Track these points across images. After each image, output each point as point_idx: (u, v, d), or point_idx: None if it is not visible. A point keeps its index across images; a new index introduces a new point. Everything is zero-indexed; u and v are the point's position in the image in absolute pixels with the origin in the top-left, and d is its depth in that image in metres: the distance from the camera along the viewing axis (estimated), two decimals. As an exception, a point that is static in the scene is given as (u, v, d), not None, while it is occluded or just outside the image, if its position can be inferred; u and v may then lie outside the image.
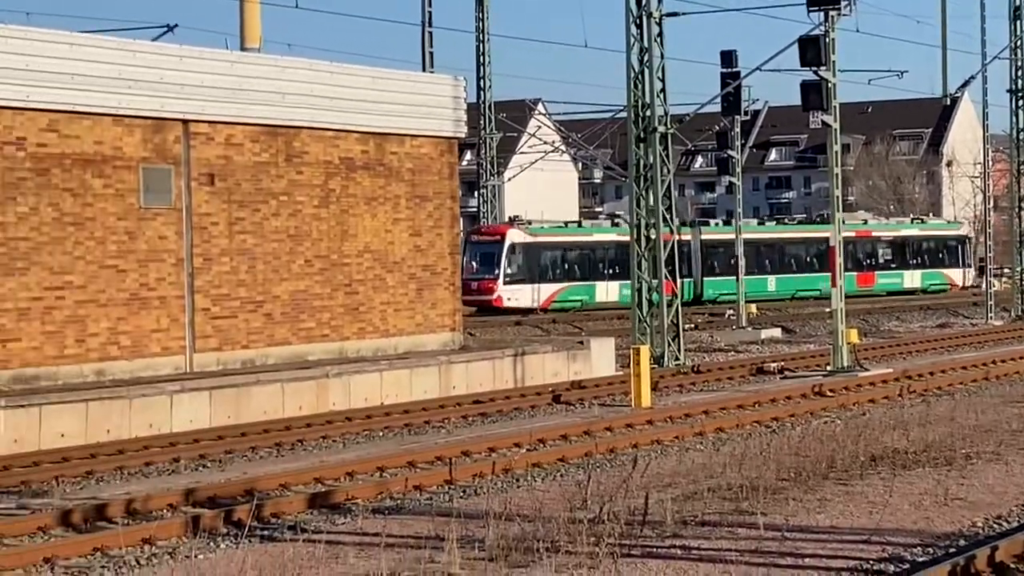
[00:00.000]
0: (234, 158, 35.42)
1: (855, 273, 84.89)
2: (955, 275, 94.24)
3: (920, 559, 16.40)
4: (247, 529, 18.68)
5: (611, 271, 75.48)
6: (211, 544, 18.41)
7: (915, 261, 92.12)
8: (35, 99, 31.32)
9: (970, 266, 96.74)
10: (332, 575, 15.80)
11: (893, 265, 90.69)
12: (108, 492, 22.84)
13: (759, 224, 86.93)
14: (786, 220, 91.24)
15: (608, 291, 75.50)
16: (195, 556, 17.60)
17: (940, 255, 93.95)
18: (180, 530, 19.05)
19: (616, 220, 79.62)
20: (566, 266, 74.68)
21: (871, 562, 16.23)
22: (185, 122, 34.35)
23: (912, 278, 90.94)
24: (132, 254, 33.20)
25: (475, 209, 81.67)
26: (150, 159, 33.66)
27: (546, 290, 72.43)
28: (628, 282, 74.26)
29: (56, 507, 20.96)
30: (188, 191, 34.41)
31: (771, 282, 79.87)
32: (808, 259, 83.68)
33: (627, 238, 75.40)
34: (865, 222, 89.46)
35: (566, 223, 77.12)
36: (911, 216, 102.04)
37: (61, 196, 31.90)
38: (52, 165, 31.74)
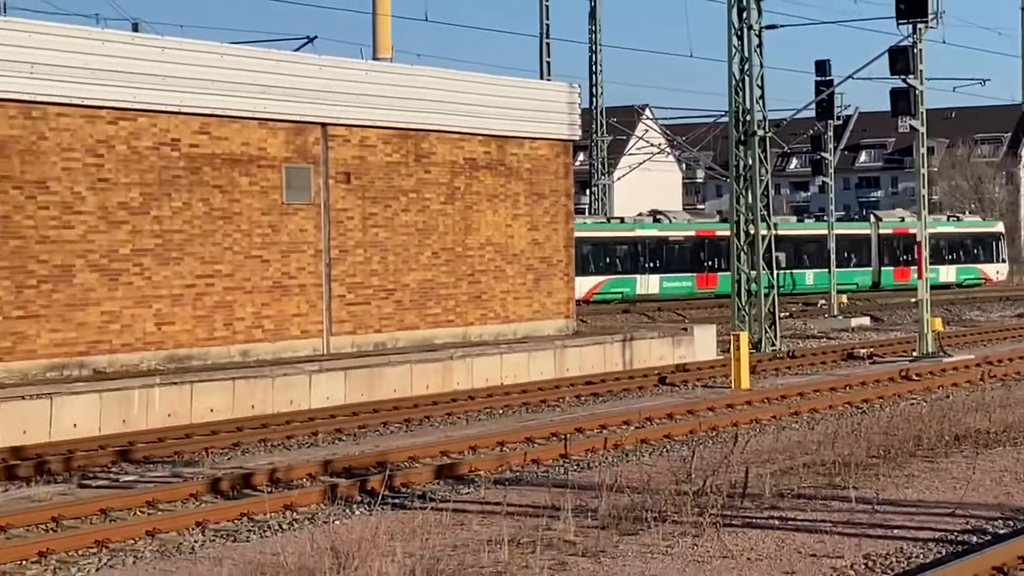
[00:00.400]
0: (368, 158, 35.56)
1: (892, 268, 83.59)
2: (989, 270, 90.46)
3: (1001, 531, 16.20)
4: (380, 497, 18.73)
5: (651, 265, 74.73)
6: (347, 511, 18.48)
7: (950, 257, 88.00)
8: (189, 104, 31.57)
9: (1004, 261, 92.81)
10: (457, 540, 15.81)
11: (929, 260, 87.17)
12: (253, 462, 22.98)
13: (798, 221, 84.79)
14: (824, 218, 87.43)
15: (648, 284, 74.71)
16: (332, 521, 17.68)
17: (975, 251, 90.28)
18: (319, 497, 19.14)
19: (658, 217, 78.46)
20: (608, 260, 73.42)
21: (955, 533, 16.06)
22: (324, 125, 34.51)
23: (947, 273, 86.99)
24: (275, 246, 33.40)
25: (587, 206, 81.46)
26: (292, 159, 33.85)
27: (588, 282, 71.16)
28: (667, 275, 74.09)
29: (206, 476, 21.14)
30: (326, 188, 34.57)
31: (809, 276, 77.84)
32: (844, 254, 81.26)
33: (666, 233, 75.04)
34: (902, 219, 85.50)
35: (609, 219, 75.71)
36: (947, 214, 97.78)
37: (211, 192, 32.14)
38: (203, 164, 31.99)
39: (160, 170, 31.16)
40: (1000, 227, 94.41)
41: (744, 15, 42.64)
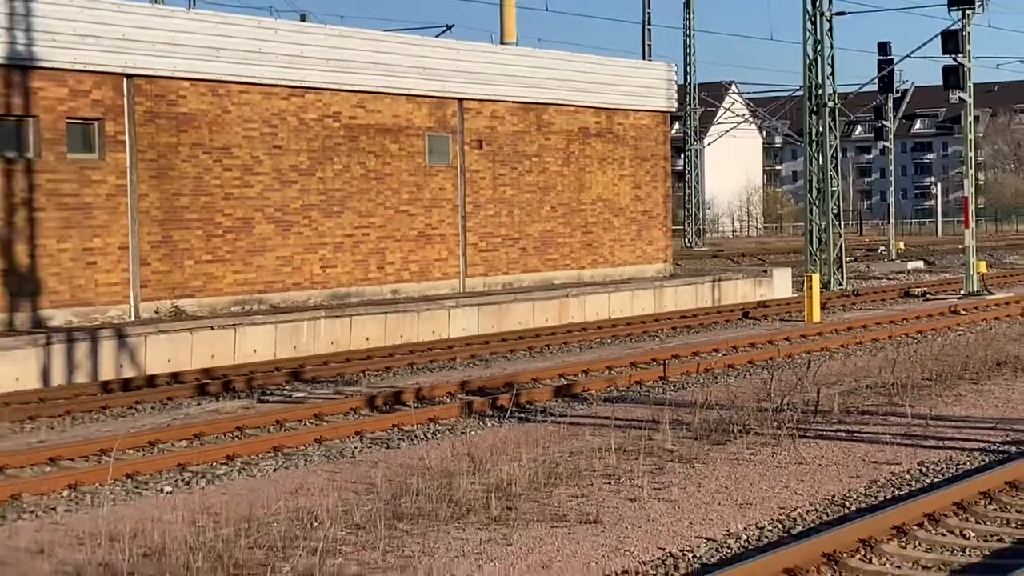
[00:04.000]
0: (497, 128, 35.54)
1: None
2: None
3: (1037, 443, 15.99)
4: (508, 412, 18.77)
5: None
6: (480, 423, 18.54)
7: None
8: (348, 83, 31.71)
9: None
10: (573, 448, 15.83)
11: None
12: (402, 382, 23.12)
13: None
14: None
15: None
16: (468, 432, 17.75)
17: None
18: (457, 412, 19.22)
19: None
20: None
21: (997, 444, 15.84)
22: (460, 100, 34.53)
23: None
24: (419, 201, 33.51)
25: (681, 167, 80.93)
26: (433, 128, 33.90)
27: None
28: None
29: (363, 393, 21.27)
30: (462, 153, 34.61)
31: None
32: None
33: None
34: None
35: None
36: None
37: (367, 157, 32.29)
38: (360, 133, 32.12)
39: (324, 138, 31.34)
40: None
41: (817, 3, 42.07)
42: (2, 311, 25.64)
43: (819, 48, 42.26)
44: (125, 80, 27.69)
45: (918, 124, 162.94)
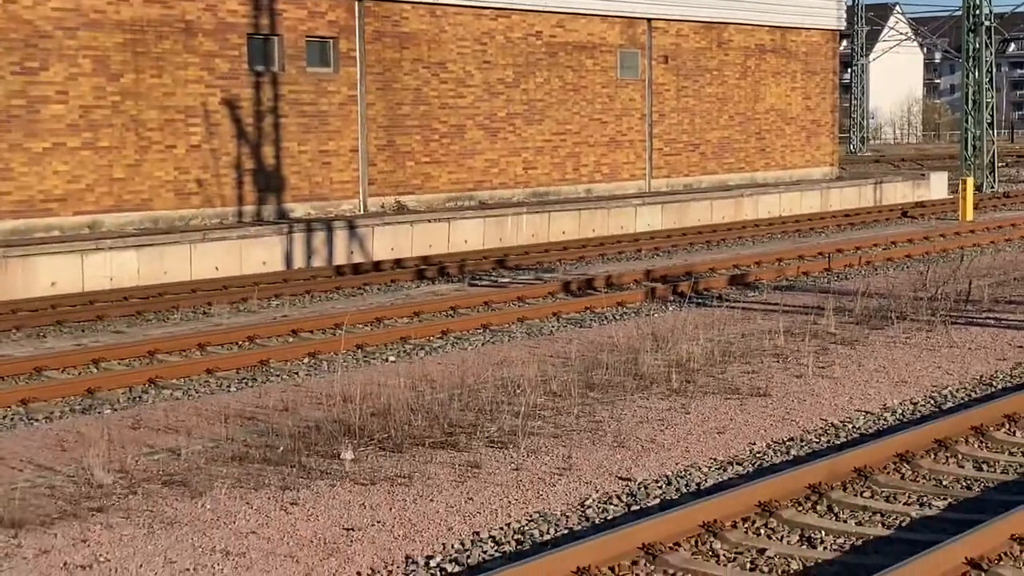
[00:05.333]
0: (681, 45, 35.04)
1: None
2: None
3: None
4: (687, 298, 18.72)
5: None
6: (662, 307, 18.52)
7: None
8: (549, 5, 31.52)
9: None
10: (745, 330, 15.73)
11: None
12: (593, 271, 23.17)
13: None
14: None
15: None
16: (652, 314, 17.74)
17: None
18: (641, 297, 19.21)
19: None
20: None
21: None
22: (649, 20, 34.09)
23: None
24: (611, 111, 33.29)
25: (848, 81, 78.91)
26: (624, 46, 33.57)
27: None
28: None
29: (560, 279, 21.38)
30: (650, 68, 34.24)
31: None
32: None
33: None
34: None
35: None
36: None
37: (564, 71, 32.13)
38: (558, 50, 31.96)
39: (527, 54, 31.26)
40: None
41: (977, -70, 40.48)
42: (252, 204, 26.29)
43: (978, -29, 40.72)
44: (356, 3, 27.93)
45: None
